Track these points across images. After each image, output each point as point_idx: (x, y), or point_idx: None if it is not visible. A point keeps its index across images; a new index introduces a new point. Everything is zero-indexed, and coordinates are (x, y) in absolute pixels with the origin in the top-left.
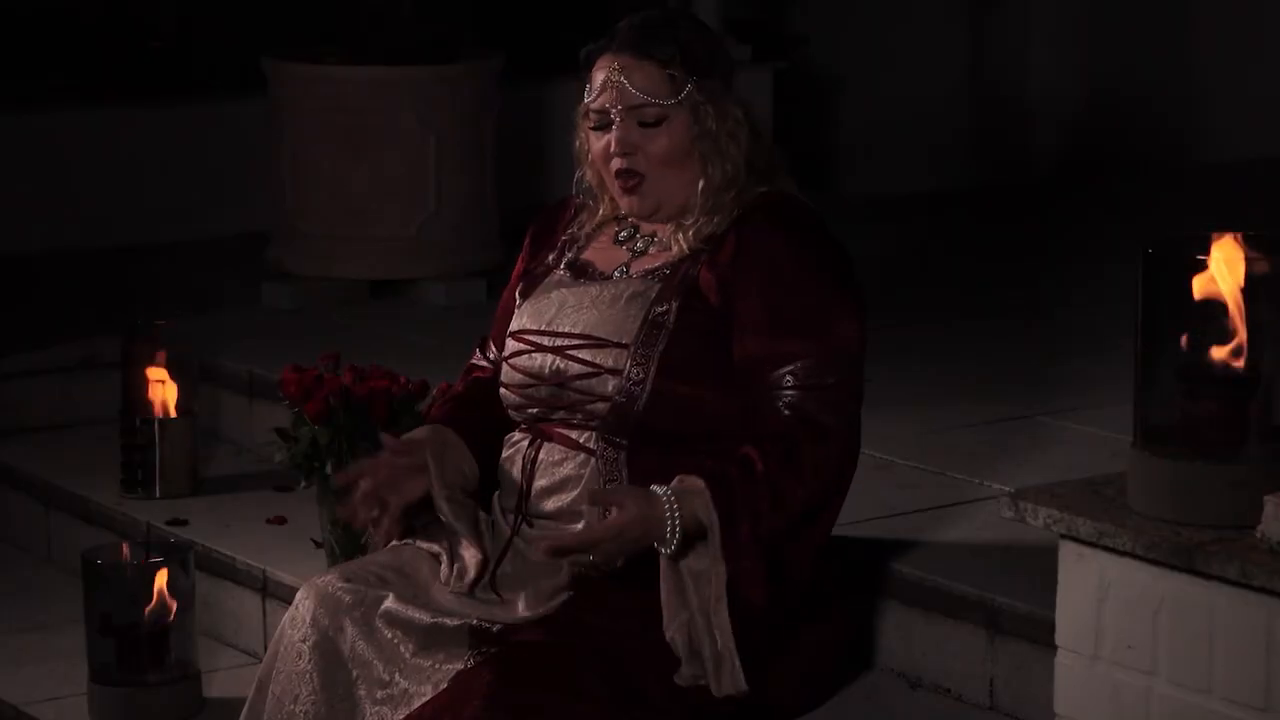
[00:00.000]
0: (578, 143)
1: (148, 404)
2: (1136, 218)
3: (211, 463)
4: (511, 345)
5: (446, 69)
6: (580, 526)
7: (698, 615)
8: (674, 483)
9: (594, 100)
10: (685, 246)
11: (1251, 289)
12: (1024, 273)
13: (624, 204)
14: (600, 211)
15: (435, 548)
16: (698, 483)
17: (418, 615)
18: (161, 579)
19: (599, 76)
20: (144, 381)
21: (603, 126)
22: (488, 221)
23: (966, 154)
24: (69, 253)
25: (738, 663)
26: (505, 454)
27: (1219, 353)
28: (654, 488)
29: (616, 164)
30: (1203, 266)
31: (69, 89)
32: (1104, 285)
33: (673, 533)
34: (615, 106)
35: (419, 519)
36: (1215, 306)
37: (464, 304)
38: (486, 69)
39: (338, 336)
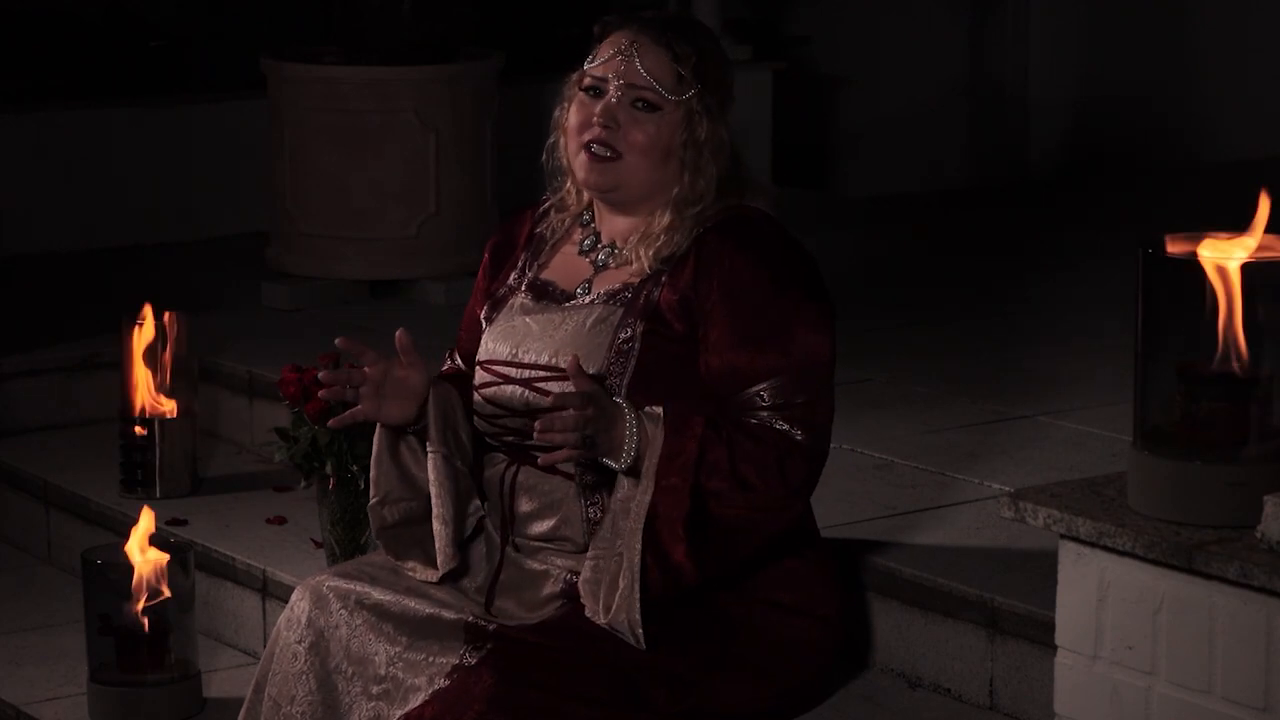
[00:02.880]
0: (558, 112)
1: (148, 404)
2: (1136, 217)
3: (211, 463)
4: (480, 375)
5: (446, 69)
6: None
7: (610, 537)
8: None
9: (596, 67)
10: (646, 265)
11: (1250, 290)
12: (1023, 272)
13: (582, 174)
14: (559, 196)
15: (426, 569)
16: (657, 408)
17: (414, 606)
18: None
19: (609, 47)
20: (144, 381)
21: (596, 96)
22: (488, 221)
23: (965, 154)
24: (69, 253)
25: (637, 593)
26: (486, 473)
27: (1219, 353)
28: (617, 399)
29: (594, 132)
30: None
31: (69, 89)
32: (1104, 285)
33: (630, 442)
34: (617, 80)
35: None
36: (1215, 306)
37: (463, 303)
38: (486, 69)
39: (338, 336)
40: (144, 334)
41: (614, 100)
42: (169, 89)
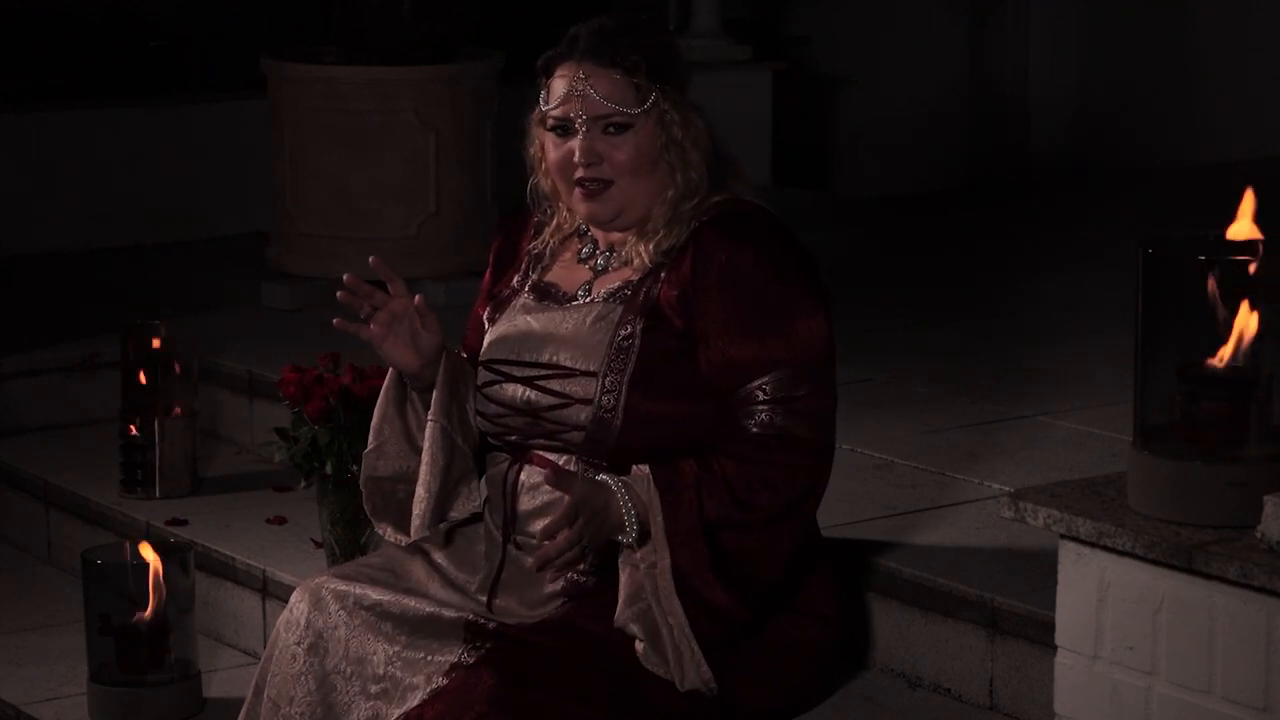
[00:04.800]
0: (531, 150)
1: (148, 404)
2: (1136, 216)
3: (211, 463)
4: (482, 375)
5: (446, 69)
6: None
7: (654, 604)
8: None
9: (556, 108)
10: (647, 260)
11: (1251, 289)
12: (1023, 272)
13: (582, 210)
14: (555, 221)
15: (396, 533)
16: (643, 468)
17: (414, 605)
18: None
19: (560, 85)
20: (144, 381)
21: (564, 134)
22: (487, 221)
23: (965, 154)
24: (69, 253)
25: (698, 652)
26: (489, 472)
27: (1219, 352)
28: (602, 476)
29: (580, 172)
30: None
31: (69, 89)
32: (1103, 284)
33: (629, 515)
34: (580, 115)
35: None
36: (1215, 306)
37: (463, 303)
38: (486, 69)
39: (338, 336)
40: (144, 340)
41: (585, 136)
42: (169, 89)
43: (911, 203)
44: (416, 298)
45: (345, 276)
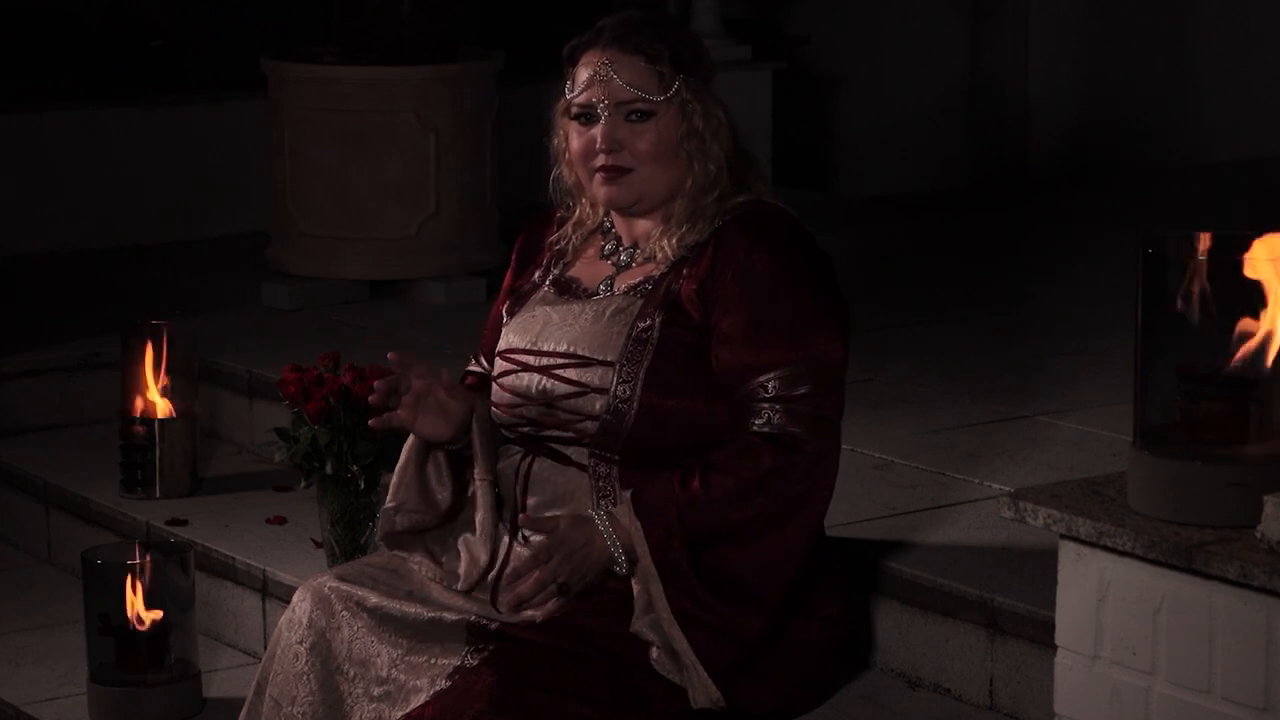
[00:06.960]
0: (555, 141)
1: (148, 404)
2: (1136, 216)
3: (211, 463)
4: (499, 365)
5: (446, 69)
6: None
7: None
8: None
9: (579, 95)
10: (670, 253)
11: (1251, 288)
12: (1023, 272)
13: (602, 194)
14: (578, 215)
15: (432, 565)
16: (625, 493)
17: (415, 610)
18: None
19: (585, 72)
20: (144, 381)
21: (588, 121)
22: (487, 221)
23: (965, 154)
24: (69, 253)
25: (705, 675)
26: (500, 464)
27: (1219, 353)
28: (589, 510)
29: (601, 160)
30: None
31: (69, 89)
32: (1103, 284)
33: (615, 547)
34: (602, 101)
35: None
36: (1215, 305)
37: (463, 303)
38: (486, 69)
39: (338, 336)
40: (145, 340)
41: (608, 123)
42: (169, 89)
43: (911, 203)
44: (442, 374)
45: (375, 383)
